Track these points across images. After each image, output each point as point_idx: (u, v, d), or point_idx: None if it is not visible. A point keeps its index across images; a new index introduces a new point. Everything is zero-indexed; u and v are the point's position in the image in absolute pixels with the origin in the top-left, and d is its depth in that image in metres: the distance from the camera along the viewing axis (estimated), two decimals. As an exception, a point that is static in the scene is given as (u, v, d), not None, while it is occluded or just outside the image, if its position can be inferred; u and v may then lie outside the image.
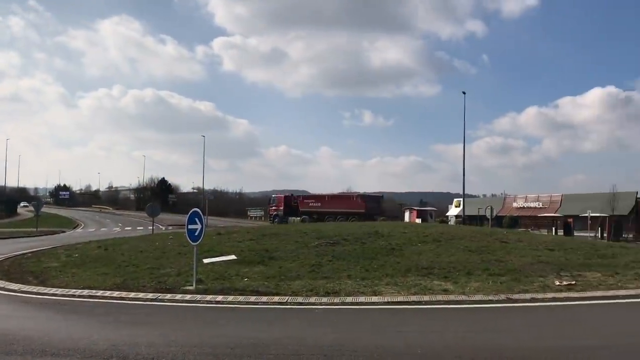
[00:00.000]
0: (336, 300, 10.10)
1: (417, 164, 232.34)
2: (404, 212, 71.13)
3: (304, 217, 53.26)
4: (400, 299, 10.19)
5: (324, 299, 10.15)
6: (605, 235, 42.23)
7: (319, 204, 55.39)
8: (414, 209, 72.02)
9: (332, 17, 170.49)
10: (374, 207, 53.51)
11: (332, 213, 52.55)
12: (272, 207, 57.37)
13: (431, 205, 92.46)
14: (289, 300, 10.09)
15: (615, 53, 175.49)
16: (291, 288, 11.09)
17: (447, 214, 76.36)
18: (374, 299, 10.16)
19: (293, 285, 11.44)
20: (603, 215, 47.38)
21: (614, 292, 11.17)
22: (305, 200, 56.87)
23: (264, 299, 10.26)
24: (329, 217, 51.08)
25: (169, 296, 10.75)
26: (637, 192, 54.07)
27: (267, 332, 7.41)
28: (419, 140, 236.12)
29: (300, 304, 9.90)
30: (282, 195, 58.63)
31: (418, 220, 59.24)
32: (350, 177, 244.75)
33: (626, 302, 10.43)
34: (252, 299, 10.30)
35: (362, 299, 10.16)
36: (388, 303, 9.86)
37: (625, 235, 45.76)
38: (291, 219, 52.93)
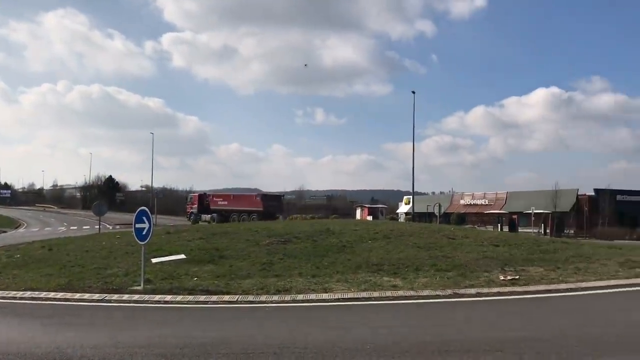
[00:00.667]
0: (287, 298, 10.13)
1: (369, 162, 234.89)
2: (356, 210, 71.88)
3: (213, 215, 54.53)
4: (350, 295, 10.30)
5: (275, 297, 10.16)
6: (547, 231, 43.84)
7: (226, 203, 56.58)
8: (365, 207, 72.89)
9: (284, 15, 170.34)
10: (273, 205, 54.97)
11: (235, 211, 54.17)
12: (188, 205, 58.24)
13: (382, 203, 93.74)
14: (239, 299, 10.05)
15: (558, 54, 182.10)
16: (242, 287, 11.05)
17: (398, 211, 77.55)
18: (325, 296, 10.24)
19: (244, 283, 11.39)
20: (546, 212, 49.14)
21: (555, 286, 11.63)
22: (214, 199, 57.95)
23: (214, 298, 10.18)
24: (234, 215, 53.30)
25: (115, 297, 10.52)
26: (577, 190, 56.32)
27: (217, 332, 7.36)
28: (371, 139, 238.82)
29: (251, 302, 9.88)
30: (197, 194, 59.92)
31: (369, 218, 59.94)
32: (303, 175, 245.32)
33: (566, 295, 10.89)
34: (202, 298, 10.21)
35: (312, 296, 10.22)
36: (338, 300, 9.96)
37: (567, 231, 47.63)
38: (204, 216, 54.57)
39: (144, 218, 11.63)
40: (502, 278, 12.19)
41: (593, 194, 55.70)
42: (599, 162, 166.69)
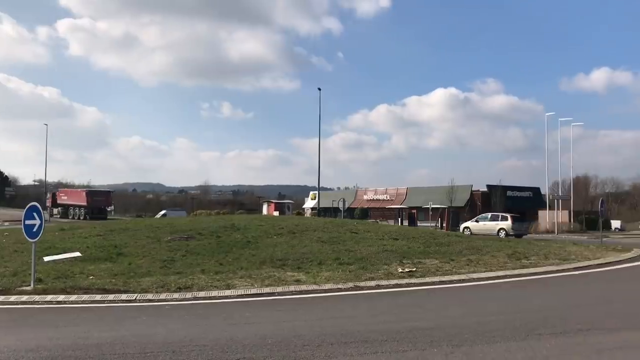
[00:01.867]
0: (188, 295, 9.94)
1: (276, 157, 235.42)
2: (262, 205, 71.75)
3: (59, 209, 58.43)
4: (253, 291, 10.29)
5: (176, 295, 9.95)
6: (444, 225, 45.98)
7: (66, 198, 59.66)
8: (272, 202, 72.95)
9: (190, 5, 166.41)
10: (99, 200, 57.87)
11: (71, 206, 58.13)
12: (48, 200, 58.79)
13: (289, 198, 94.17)
14: (137, 298, 9.73)
15: (457, 56, 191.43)
16: (141, 285, 10.71)
17: (304, 206, 78.27)
18: (228, 292, 10.17)
19: (143, 281, 11.05)
20: (443, 206, 51.51)
21: (449, 277, 12.28)
22: (60, 194, 61.00)
23: (111, 297, 9.79)
24: (70, 210, 57.74)
25: (2, 298, 9.84)
26: (472, 186, 59.50)
27: (113, 332, 7.08)
28: (278, 134, 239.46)
29: (150, 300, 9.60)
30: (54, 191, 63.16)
31: (276, 213, 60.05)
32: (209, 169, 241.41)
33: (459, 286, 11.52)
34: (98, 297, 9.78)
35: (215, 293, 10.11)
36: (241, 296, 9.93)
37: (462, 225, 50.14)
38: (55, 210, 56.89)
39: (35, 214, 10.94)
40: (400, 270, 12.68)
41: (486, 189, 59.13)
42: (491, 160, 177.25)
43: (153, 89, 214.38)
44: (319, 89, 50.29)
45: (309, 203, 74.61)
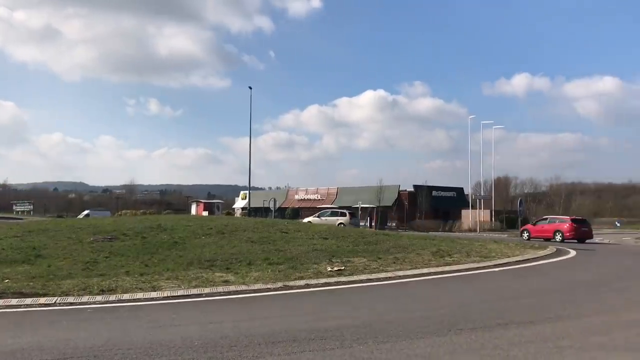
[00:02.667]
0: (112, 298, 9.63)
1: (206, 156, 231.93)
2: (191, 205, 70.48)
3: None
4: (180, 292, 10.10)
5: (98, 298, 9.60)
6: (373, 224, 46.88)
7: None
8: (201, 202, 71.90)
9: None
10: None
11: None
12: None
13: (219, 198, 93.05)
14: (57, 301, 9.32)
15: (386, 59, 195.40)
16: (61, 288, 10.25)
17: (234, 206, 77.55)
18: (153, 294, 9.92)
19: (63, 284, 10.58)
20: (371, 206, 52.47)
21: (376, 275, 12.54)
22: None
23: (28, 301, 9.32)
24: None
25: None
26: (399, 186, 60.96)
27: (31, 337, 6.75)
28: (208, 132, 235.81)
29: (71, 304, 9.22)
30: None
31: (205, 213, 59.16)
32: (135, 168, 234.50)
33: (385, 284, 11.79)
34: (14, 302, 9.28)
35: (140, 295, 9.83)
36: (167, 298, 9.72)
37: (390, 224, 51.35)
38: None
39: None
40: (330, 269, 12.82)
41: (412, 189, 60.73)
42: (418, 161, 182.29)
43: (76, 84, 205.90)
44: (250, 88, 50.25)
45: (240, 203, 74.03)
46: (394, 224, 52.29)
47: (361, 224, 46.81)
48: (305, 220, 36.79)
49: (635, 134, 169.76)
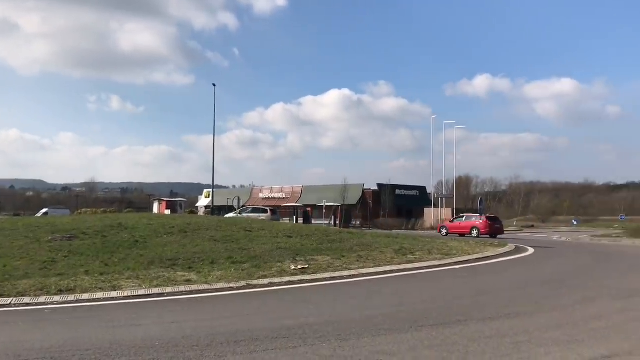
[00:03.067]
0: (70, 298, 9.41)
1: (168, 154, 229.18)
2: (153, 204, 69.43)
3: None
4: (141, 292, 9.95)
5: (57, 298, 9.38)
6: (337, 222, 47.10)
7: None
8: (163, 200, 70.84)
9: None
10: None
11: None
12: None
13: (182, 196, 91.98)
14: (13, 302, 9.06)
15: (351, 58, 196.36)
16: (17, 288, 9.96)
17: (197, 204, 76.81)
18: (113, 294, 9.74)
19: (19, 284, 10.28)
20: (336, 204, 52.68)
21: (340, 273, 12.61)
22: None
23: (-18, 303, 9.04)
24: None
25: None
26: (363, 185, 61.38)
27: (-17, 340, 6.56)
28: (171, 130, 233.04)
29: (28, 304, 8.98)
30: None
31: (167, 212, 58.34)
32: (96, 166, 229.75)
33: (349, 281, 11.87)
34: (-34, 303, 8.99)
35: (99, 295, 9.65)
36: (128, 297, 9.56)
37: (354, 222, 51.64)
38: None
39: None
40: (293, 267, 12.83)
41: (376, 188, 61.24)
42: (382, 160, 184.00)
43: (34, 78, 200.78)
44: (214, 85, 49.67)
45: (203, 201, 73.38)
46: (358, 223, 52.59)
47: (325, 222, 46.95)
48: (227, 216, 36.84)
49: (591, 134, 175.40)
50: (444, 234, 35.53)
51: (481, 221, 34.92)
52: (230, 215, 36.89)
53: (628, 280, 12.74)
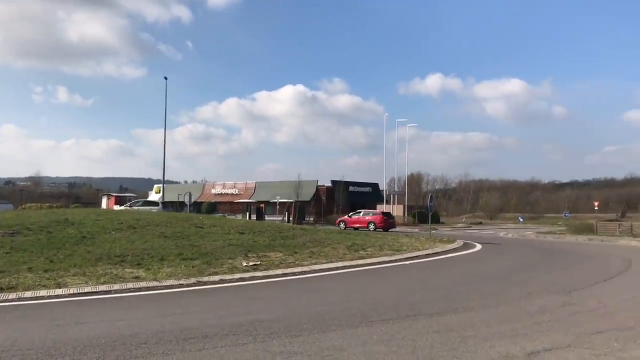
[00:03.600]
0: (12, 296, 9.06)
1: (118, 148, 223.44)
2: (101, 199, 67.68)
3: None
4: (88, 289, 9.69)
5: (-3, 296, 9.03)
6: (291, 218, 47.01)
7: None
8: (112, 195, 69.12)
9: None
10: None
11: None
12: None
13: (131, 191, 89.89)
14: (-51, 301, 8.68)
15: (306, 55, 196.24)
16: (-46, 287, 9.54)
17: (148, 200, 75.21)
18: (58, 291, 9.44)
19: (-44, 283, 9.85)
20: (290, 201, 52.58)
21: (292, 269, 12.60)
22: None
23: None
24: None
25: None
26: (317, 181, 61.46)
27: None
28: (121, 123, 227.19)
29: (-35, 304, 8.61)
30: None
31: (116, 207, 57.00)
32: (42, 159, 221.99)
33: (301, 277, 11.87)
34: None
35: (43, 292, 9.33)
36: (74, 295, 9.29)
37: (307, 219, 51.65)
38: None
39: None
40: (245, 264, 12.74)
41: (330, 184, 61.46)
42: (336, 156, 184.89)
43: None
44: (166, 78, 48.72)
45: (153, 197, 71.91)
46: (312, 219, 52.68)
47: (279, 219, 46.84)
48: (115, 208, 37.04)
49: (538, 134, 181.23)
50: (342, 227, 38.04)
51: (378, 217, 38.48)
52: (120, 208, 36.82)
53: (570, 275, 13.23)
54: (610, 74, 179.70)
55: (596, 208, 62.11)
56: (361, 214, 39.91)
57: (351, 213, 42.00)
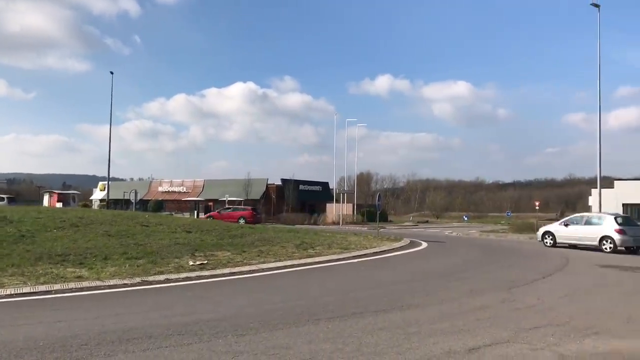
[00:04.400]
0: (-57, 298, 8.67)
1: (61, 144, 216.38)
2: (43, 196, 65.37)
3: None
4: (26, 290, 9.34)
5: None
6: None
7: None
8: (55, 193, 66.94)
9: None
10: None
11: None
12: None
13: (75, 189, 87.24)
14: None
15: (257, 52, 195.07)
16: None
17: (92, 197, 73.25)
18: (-6, 292, 9.08)
19: None
20: (239, 199, 52.24)
21: (240, 268, 12.53)
22: None
23: None
24: None
25: None
26: (267, 179, 61.28)
27: None
28: (64, 118, 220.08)
29: None
30: None
31: (59, 205, 55.18)
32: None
33: (249, 277, 11.82)
34: None
35: (-23, 294, 8.96)
36: (11, 296, 8.94)
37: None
38: None
39: None
40: (192, 263, 12.59)
41: (280, 183, 61.39)
42: (287, 155, 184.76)
43: None
44: (112, 73, 47.67)
45: (98, 194, 70.11)
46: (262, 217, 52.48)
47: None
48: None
49: (483, 135, 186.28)
50: None
51: (248, 212, 42.10)
52: None
53: (511, 272, 13.67)
54: (551, 79, 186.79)
55: (537, 207, 64.49)
56: (231, 209, 43.68)
57: (220, 209, 45.45)
